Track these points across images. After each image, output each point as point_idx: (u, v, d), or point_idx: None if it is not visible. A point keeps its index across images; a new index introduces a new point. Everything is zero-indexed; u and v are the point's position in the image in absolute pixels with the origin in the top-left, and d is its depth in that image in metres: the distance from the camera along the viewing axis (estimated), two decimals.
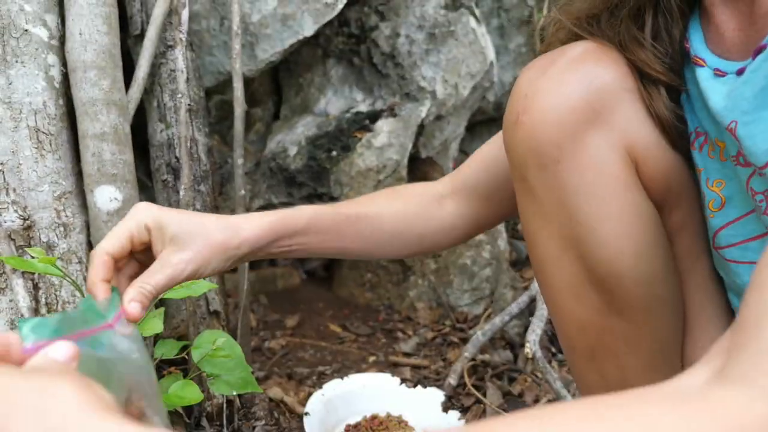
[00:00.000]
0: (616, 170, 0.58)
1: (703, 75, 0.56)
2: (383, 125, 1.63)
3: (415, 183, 0.81)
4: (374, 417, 1.15)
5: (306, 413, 1.10)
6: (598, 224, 0.58)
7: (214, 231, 0.60)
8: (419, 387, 1.24)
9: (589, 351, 0.63)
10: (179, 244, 0.58)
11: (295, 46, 1.61)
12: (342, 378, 1.24)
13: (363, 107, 1.76)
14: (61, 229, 0.99)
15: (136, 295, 0.54)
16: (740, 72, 0.52)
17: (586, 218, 0.58)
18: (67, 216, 1.00)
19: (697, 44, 0.58)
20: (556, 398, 1.23)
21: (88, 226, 1.03)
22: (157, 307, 0.98)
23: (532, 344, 1.29)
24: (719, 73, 0.55)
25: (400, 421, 1.15)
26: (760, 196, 0.53)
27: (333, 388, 1.20)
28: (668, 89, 0.59)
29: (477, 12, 1.80)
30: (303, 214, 0.68)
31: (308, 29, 1.59)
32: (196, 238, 0.59)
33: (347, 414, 1.16)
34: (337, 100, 1.79)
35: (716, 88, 0.54)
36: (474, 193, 0.77)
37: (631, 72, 0.59)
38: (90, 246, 1.03)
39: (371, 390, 1.22)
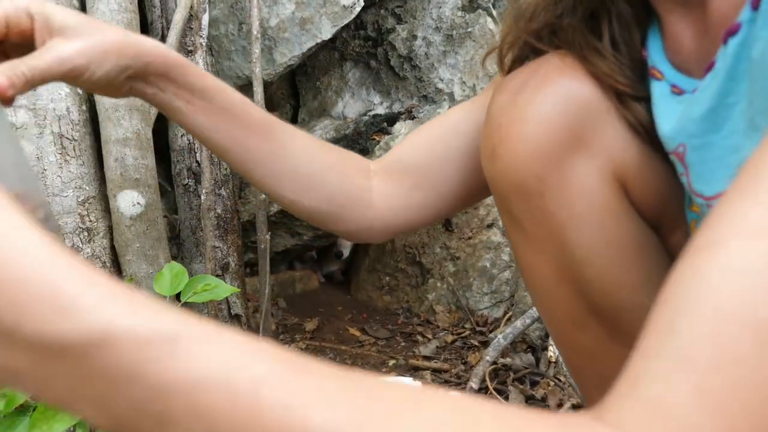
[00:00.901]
0: (605, 199, 0.54)
1: (659, 91, 0.52)
2: (401, 128, 1.62)
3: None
4: None
5: None
6: (591, 256, 0.55)
7: (110, 29, 0.51)
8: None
9: (598, 379, 0.60)
10: (70, 34, 0.48)
11: (312, 50, 1.62)
12: None
13: (381, 110, 1.76)
14: (85, 233, 1.00)
15: (5, 69, 0.44)
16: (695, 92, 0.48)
17: (578, 251, 0.55)
18: (90, 221, 1.01)
19: (655, 53, 0.53)
20: (581, 402, 1.21)
21: (111, 230, 1.03)
22: None
23: (555, 348, 1.28)
24: (677, 91, 0.50)
25: None
26: None
27: None
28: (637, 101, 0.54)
29: (494, 13, 1.79)
30: (214, 78, 0.58)
31: (326, 33, 1.59)
32: (91, 31, 0.49)
33: None
34: (354, 103, 1.79)
35: (671, 108, 0.50)
36: (409, 176, 0.66)
37: (603, 85, 0.54)
38: (113, 250, 1.03)
39: None
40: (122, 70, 0.51)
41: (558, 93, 0.54)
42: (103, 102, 1.04)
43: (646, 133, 0.54)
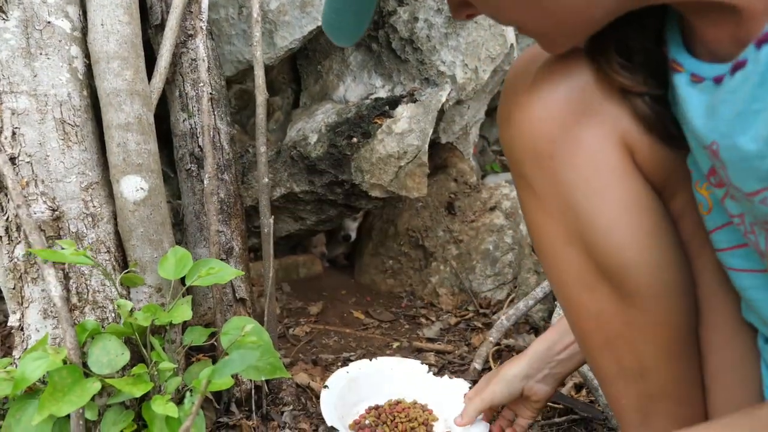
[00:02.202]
0: (613, 160, 0.57)
1: (681, 82, 0.53)
2: (403, 111, 1.61)
3: None
4: (398, 402, 1.15)
5: (325, 386, 1.10)
6: (599, 215, 0.57)
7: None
8: (446, 376, 1.23)
9: (605, 342, 0.62)
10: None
11: (313, 33, 1.61)
12: (370, 359, 1.24)
13: (382, 93, 1.75)
14: (90, 219, 1.00)
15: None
16: (718, 80, 0.48)
17: (586, 210, 0.58)
18: (94, 206, 1.01)
19: (674, 47, 0.55)
20: (584, 381, 1.22)
21: (115, 216, 1.04)
22: (184, 295, 0.99)
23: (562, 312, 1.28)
24: (696, 79, 0.51)
25: (425, 410, 1.14)
26: (737, 219, 0.51)
27: (359, 367, 1.20)
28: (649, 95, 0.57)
29: None
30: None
31: None
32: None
33: (371, 394, 1.15)
34: (356, 87, 1.78)
35: (694, 98, 0.51)
36: None
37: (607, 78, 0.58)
38: (117, 236, 1.04)
39: (398, 374, 1.22)
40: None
41: (571, 64, 0.58)
42: (104, 87, 1.03)
43: (644, 120, 0.57)
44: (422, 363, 1.25)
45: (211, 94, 1.21)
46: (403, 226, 1.95)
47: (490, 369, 1.33)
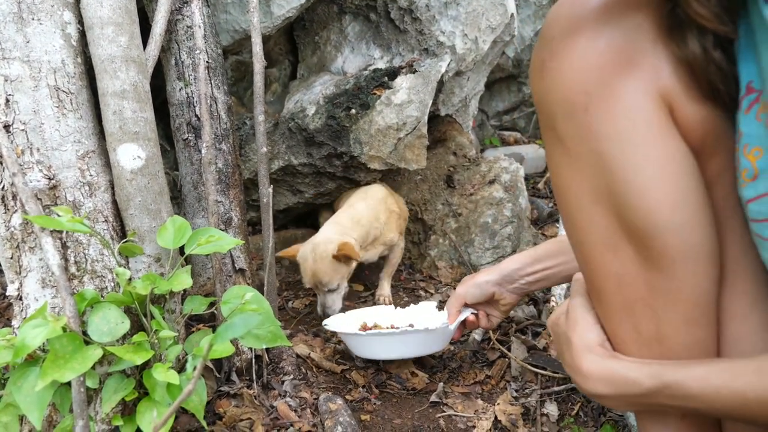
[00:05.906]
0: (650, 116, 0.54)
1: None
2: (402, 82, 1.59)
3: None
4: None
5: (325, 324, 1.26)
6: (632, 173, 0.55)
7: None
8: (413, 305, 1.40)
9: (625, 305, 0.61)
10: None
11: (311, 1, 1.58)
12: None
13: (381, 64, 1.73)
14: (86, 188, 0.99)
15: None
16: None
17: (619, 167, 0.55)
18: (91, 175, 1.00)
19: None
20: None
21: (112, 185, 1.02)
22: (183, 265, 0.98)
23: (558, 298, 1.29)
24: None
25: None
26: None
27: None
28: (718, 37, 0.54)
29: None
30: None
31: None
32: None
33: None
34: (354, 58, 1.76)
35: None
36: None
37: (662, 14, 0.54)
38: (115, 205, 1.03)
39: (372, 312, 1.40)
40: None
41: (613, 13, 0.54)
42: (98, 53, 1.01)
43: (691, 67, 0.54)
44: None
45: (207, 62, 1.19)
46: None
47: (489, 340, 1.34)
